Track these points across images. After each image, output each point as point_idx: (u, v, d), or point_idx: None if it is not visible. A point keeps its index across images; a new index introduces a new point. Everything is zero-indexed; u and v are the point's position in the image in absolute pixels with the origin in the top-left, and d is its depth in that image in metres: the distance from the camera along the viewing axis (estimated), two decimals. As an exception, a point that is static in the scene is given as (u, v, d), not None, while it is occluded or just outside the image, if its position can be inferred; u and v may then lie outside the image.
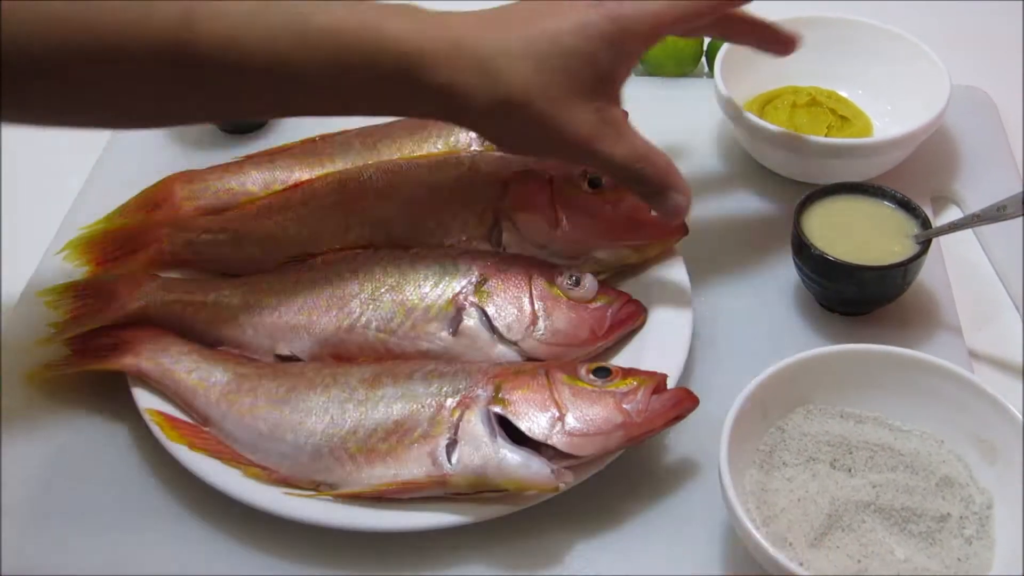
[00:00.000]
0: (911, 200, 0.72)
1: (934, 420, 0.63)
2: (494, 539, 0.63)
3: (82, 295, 0.72)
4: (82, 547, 0.64)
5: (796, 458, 0.62)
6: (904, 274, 0.70)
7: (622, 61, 0.65)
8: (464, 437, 0.61)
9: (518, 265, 0.71)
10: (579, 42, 0.62)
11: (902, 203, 0.73)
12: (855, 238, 0.71)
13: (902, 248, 0.70)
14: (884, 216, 0.73)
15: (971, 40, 0.97)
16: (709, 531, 0.63)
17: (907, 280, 0.71)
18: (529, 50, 0.62)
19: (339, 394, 0.65)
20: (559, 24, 0.63)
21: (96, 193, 0.85)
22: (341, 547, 0.63)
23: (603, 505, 0.64)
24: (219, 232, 0.76)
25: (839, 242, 0.71)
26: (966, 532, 0.59)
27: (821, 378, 0.64)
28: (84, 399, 0.71)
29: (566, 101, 0.63)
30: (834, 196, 0.74)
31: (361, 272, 0.71)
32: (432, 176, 0.75)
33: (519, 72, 0.62)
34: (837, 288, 0.71)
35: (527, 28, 0.63)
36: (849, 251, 0.70)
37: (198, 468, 0.64)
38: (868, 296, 0.72)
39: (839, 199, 0.74)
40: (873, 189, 0.74)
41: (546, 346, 0.68)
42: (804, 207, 0.73)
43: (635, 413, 0.61)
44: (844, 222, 0.72)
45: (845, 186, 0.74)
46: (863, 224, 0.73)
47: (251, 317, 0.71)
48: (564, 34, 0.62)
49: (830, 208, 0.73)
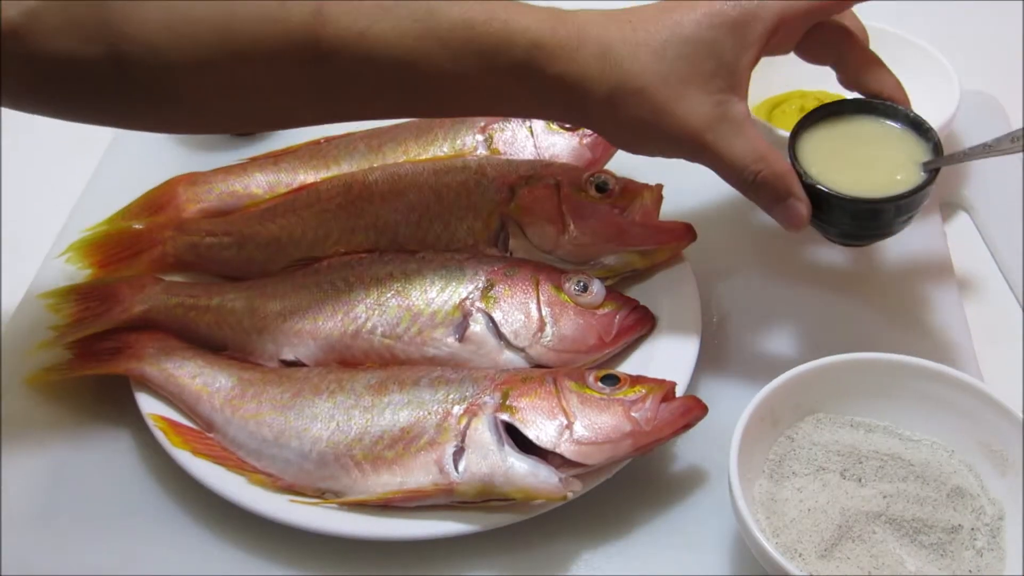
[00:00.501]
0: (924, 121, 0.66)
1: (945, 430, 0.63)
2: (501, 548, 0.62)
3: (84, 298, 0.72)
4: (84, 553, 0.64)
5: (806, 468, 0.62)
6: (899, 208, 0.64)
7: (745, 49, 0.62)
8: (471, 445, 0.61)
9: (525, 270, 0.70)
10: (701, 30, 0.61)
11: (915, 124, 0.66)
12: (856, 163, 0.65)
13: (906, 176, 0.64)
14: (892, 139, 0.66)
15: (981, 45, 0.96)
16: (717, 541, 0.62)
17: (910, 212, 0.65)
18: (650, 39, 0.61)
19: (345, 400, 0.64)
20: (685, 14, 0.62)
21: (99, 195, 0.85)
22: (346, 555, 0.62)
23: (611, 514, 0.64)
24: (223, 235, 0.75)
25: (838, 168, 0.65)
26: (977, 544, 0.59)
27: (831, 387, 0.64)
28: (86, 403, 0.71)
29: (684, 90, 0.61)
30: (838, 116, 0.67)
31: (367, 276, 0.71)
32: (438, 179, 0.75)
33: (638, 59, 0.61)
34: (830, 220, 0.65)
35: (652, 20, 0.62)
36: (848, 179, 0.64)
37: (202, 474, 0.63)
38: (865, 229, 0.67)
39: (842, 120, 0.67)
40: (883, 108, 0.66)
41: (553, 352, 0.68)
42: (803, 128, 0.67)
43: (644, 421, 0.61)
44: (845, 146, 0.66)
45: (850, 103, 0.67)
46: (867, 149, 0.66)
47: (255, 321, 0.70)
48: (687, 22, 0.61)
49: (831, 130, 0.67)
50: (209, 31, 0.59)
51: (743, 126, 0.62)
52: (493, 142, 0.79)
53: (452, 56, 0.61)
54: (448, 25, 0.61)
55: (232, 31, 0.59)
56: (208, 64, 0.59)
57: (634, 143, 0.66)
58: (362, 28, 0.60)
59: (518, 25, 0.61)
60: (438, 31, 0.61)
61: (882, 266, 0.78)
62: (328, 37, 0.60)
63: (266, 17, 0.59)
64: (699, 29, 0.61)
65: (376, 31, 0.60)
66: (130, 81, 0.60)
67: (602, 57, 0.61)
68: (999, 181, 0.84)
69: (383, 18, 0.60)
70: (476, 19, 0.61)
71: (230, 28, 0.59)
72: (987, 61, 0.93)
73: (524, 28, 0.61)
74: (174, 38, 0.58)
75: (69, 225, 0.82)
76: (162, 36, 0.58)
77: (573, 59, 0.61)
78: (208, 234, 0.75)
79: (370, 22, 0.60)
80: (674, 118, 0.62)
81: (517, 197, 0.73)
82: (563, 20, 0.62)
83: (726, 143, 0.62)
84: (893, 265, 0.77)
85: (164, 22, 0.58)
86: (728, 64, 0.62)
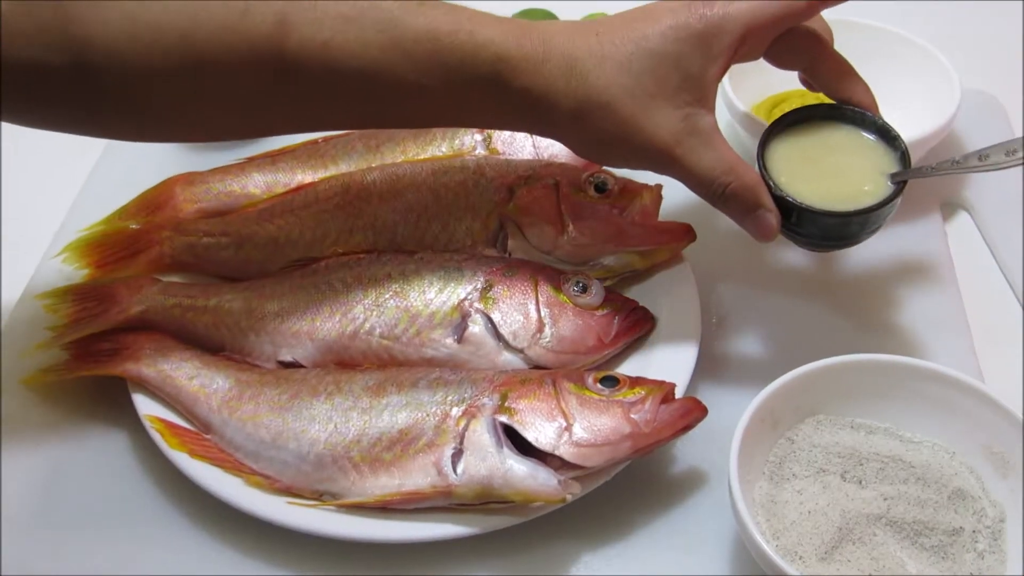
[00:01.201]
0: (892, 129, 0.65)
1: (945, 431, 0.63)
2: (500, 550, 0.62)
3: (82, 299, 0.72)
4: (81, 554, 0.64)
5: (806, 470, 0.61)
6: (866, 221, 0.64)
7: (712, 62, 0.62)
8: (470, 447, 0.61)
9: (524, 271, 0.70)
10: (667, 43, 0.61)
11: (882, 132, 0.66)
12: (824, 173, 0.65)
13: (874, 188, 0.64)
14: (861, 148, 0.66)
15: (981, 44, 0.96)
16: (717, 543, 0.62)
17: (877, 223, 0.65)
18: (616, 52, 0.61)
19: (343, 402, 0.64)
20: (649, 27, 0.61)
21: (96, 195, 0.85)
22: (344, 558, 0.62)
23: (610, 516, 0.63)
24: (220, 235, 0.75)
25: (806, 177, 0.65)
26: (978, 546, 0.58)
27: (831, 388, 0.63)
28: (83, 405, 0.71)
29: (650, 103, 0.61)
30: (808, 123, 0.67)
31: (365, 277, 0.70)
32: (437, 180, 0.75)
33: (604, 73, 0.61)
34: (799, 230, 0.65)
35: (618, 33, 0.62)
36: (816, 189, 0.64)
37: (199, 476, 0.63)
38: (832, 240, 0.66)
39: (812, 127, 0.67)
40: (852, 115, 0.66)
41: (552, 353, 0.67)
42: (772, 134, 0.66)
43: (643, 423, 0.61)
44: (814, 154, 0.66)
45: (820, 109, 0.67)
46: (835, 158, 0.66)
47: (253, 322, 0.70)
48: (652, 35, 0.61)
49: (801, 138, 0.67)
50: (172, 40, 0.58)
51: (711, 138, 0.62)
52: (492, 142, 0.79)
53: (417, 68, 0.60)
54: (413, 36, 0.60)
55: (195, 40, 0.58)
56: (171, 73, 0.59)
57: (602, 156, 0.66)
58: (326, 39, 0.59)
59: (483, 37, 0.61)
60: (403, 42, 0.60)
61: (882, 267, 0.77)
62: (291, 48, 0.59)
63: (228, 26, 0.59)
64: (664, 42, 0.61)
65: (340, 42, 0.60)
66: (95, 89, 0.59)
67: (568, 70, 0.61)
68: (999, 181, 0.84)
69: (347, 29, 0.59)
70: (441, 30, 0.60)
71: (193, 37, 0.58)
72: (987, 60, 0.93)
73: (489, 40, 0.61)
74: (137, 46, 0.58)
75: (66, 225, 0.82)
76: (125, 44, 0.58)
77: (539, 72, 0.61)
78: (205, 234, 0.75)
79: (334, 32, 0.59)
80: (642, 132, 0.61)
81: (516, 197, 0.73)
82: (528, 33, 0.62)
83: (695, 156, 0.62)
84: (893, 265, 0.77)
85: (127, 30, 0.58)
86: (694, 77, 0.62)
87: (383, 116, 0.66)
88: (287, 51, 0.59)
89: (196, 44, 0.58)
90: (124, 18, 0.57)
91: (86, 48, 0.57)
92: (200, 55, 0.59)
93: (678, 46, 0.61)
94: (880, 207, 0.63)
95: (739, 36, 0.62)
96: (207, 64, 0.59)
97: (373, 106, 0.63)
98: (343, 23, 0.59)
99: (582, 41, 0.62)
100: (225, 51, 0.59)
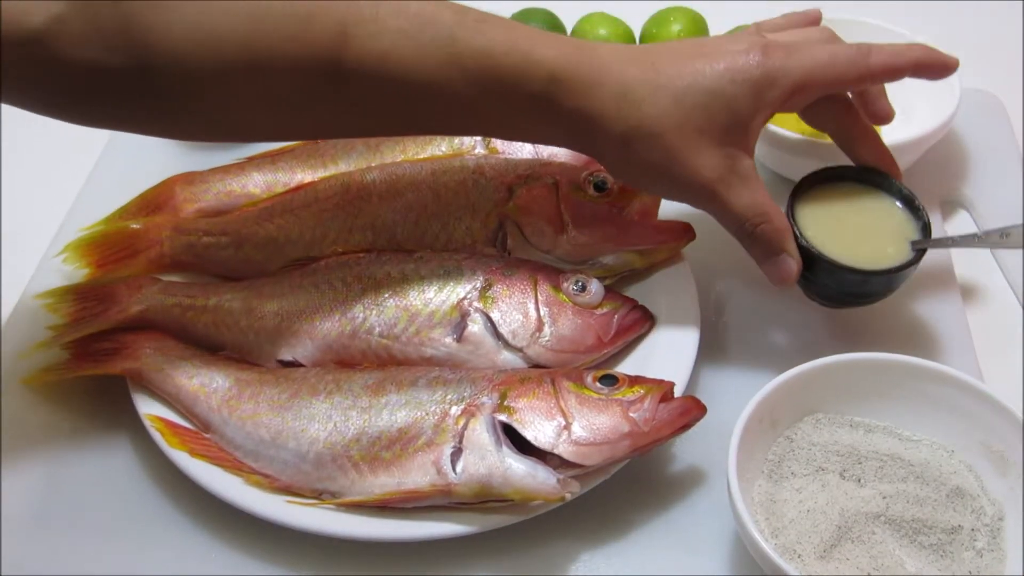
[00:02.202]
0: (917, 199, 0.68)
1: (944, 430, 0.63)
2: (499, 549, 0.62)
3: (82, 298, 0.72)
4: (81, 553, 0.64)
5: (805, 468, 0.62)
6: (888, 282, 0.67)
7: (761, 111, 0.64)
8: (469, 446, 0.61)
9: (523, 270, 0.70)
10: (723, 84, 0.62)
11: (907, 201, 0.69)
12: (849, 231, 0.68)
13: (896, 251, 0.67)
14: (886, 212, 0.69)
15: (981, 43, 0.96)
16: (716, 541, 0.62)
17: (894, 285, 0.68)
18: (671, 84, 0.62)
19: (342, 401, 0.64)
20: (708, 64, 0.63)
21: (96, 195, 0.85)
22: (343, 556, 0.62)
23: (609, 514, 0.63)
24: (220, 235, 0.75)
25: (831, 233, 0.67)
26: (977, 544, 0.58)
27: (830, 387, 0.63)
28: (83, 404, 0.71)
29: (698, 140, 0.62)
30: (839, 182, 0.70)
31: (364, 276, 0.70)
32: (436, 179, 0.75)
33: (658, 103, 0.62)
34: (816, 280, 0.68)
35: (675, 64, 0.63)
36: (840, 245, 0.67)
37: (199, 475, 0.63)
38: (847, 295, 0.69)
39: (842, 186, 0.70)
40: (881, 180, 0.69)
41: (551, 352, 0.67)
42: (803, 190, 0.69)
43: (642, 422, 0.61)
44: (841, 212, 0.69)
45: (852, 170, 0.70)
46: (862, 218, 0.69)
47: (252, 321, 0.70)
48: (710, 74, 0.62)
49: (830, 194, 0.70)
50: (233, 45, 0.59)
51: (750, 179, 0.64)
52: (491, 141, 0.79)
53: (470, 84, 0.61)
54: (469, 53, 0.61)
55: (256, 47, 0.59)
56: (230, 77, 0.60)
57: (642, 183, 0.68)
58: (384, 51, 0.60)
59: (538, 57, 0.61)
60: (459, 58, 0.61)
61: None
62: (350, 58, 0.60)
63: (290, 34, 0.59)
64: (720, 82, 0.62)
65: (397, 55, 0.60)
66: (152, 90, 0.60)
67: (621, 96, 0.62)
68: (999, 179, 0.84)
69: (405, 43, 0.60)
70: (497, 49, 0.61)
71: (254, 43, 0.59)
72: (987, 59, 0.93)
73: (544, 60, 0.61)
74: (198, 50, 0.59)
75: (66, 225, 0.82)
76: (186, 48, 0.58)
77: (591, 95, 0.62)
78: (205, 234, 0.75)
79: (392, 46, 0.60)
80: (685, 167, 0.63)
81: (515, 197, 0.73)
82: (584, 55, 0.62)
83: (733, 195, 0.64)
84: (893, 264, 0.77)
85: (189, 34, 0.58)
86: (742, 122, 0.63)
87: (429, 126, 0.67)
88: (345, 61, 0.60)
89: (257, 50, 0.59)
90: (186, 22, 0.58)
91: (147, 50, 0.58)
92: (260, 61, 0.59)
93: (733, 88, 0.62)
94: (899, 270, 0.66)
95: (791, 90, 0.64)
96: (265, 69, 0.60)
97: (422, 117, 0.64)
98: (402, 37, 0.60)
99: (637, 69, 0.63)
100: (284, 58, 0.60)
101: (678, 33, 0.91)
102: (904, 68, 0.66)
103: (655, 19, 0.93)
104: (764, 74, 0.63)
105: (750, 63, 0.63)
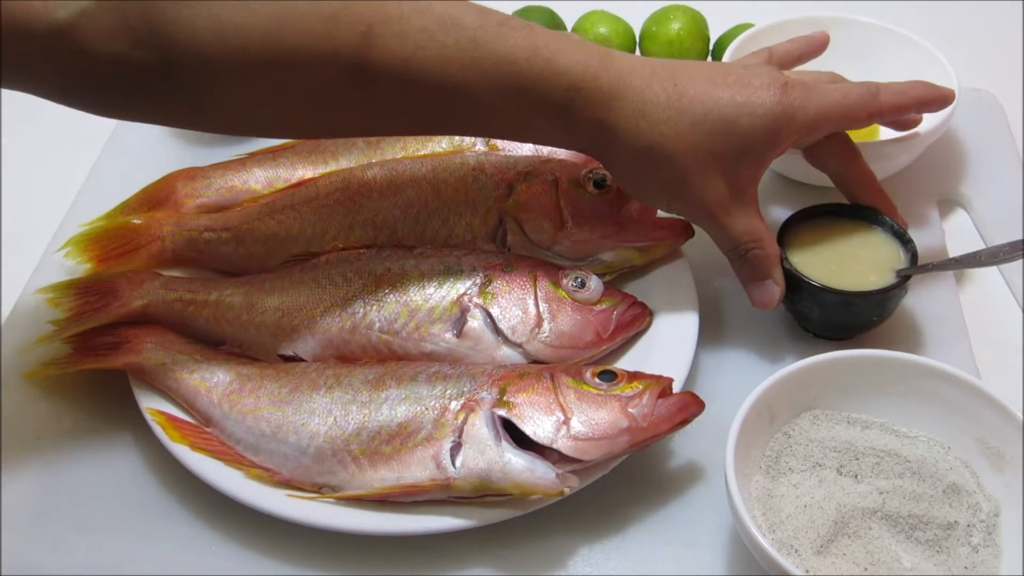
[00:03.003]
0: (906, 233, 0.70)
1: (941, 426, 0.63)
2: (498, 543, 0.62)
3: (83, 293, 0.72)
4: (82, 547, 0.64)
5: (802, 464, 0.62)
6: (871, 305, 0.68)
7: (775, 146, 0.65)
8: (468, 440, 0.61)
9: (523, 266, 0.70)
10: (740, 116, 0.64)
11: (898, 235, 0.71)
12: (836, 260, 0.70)
13: (879, 279, 0.69)
14: (875, 245, 0.71)
15: (978, 42, 0.96)
16: (714, 537, 0.63)
17: (876, 312, 0.69)
18: (691, 108, 0.63)
19: (342, 395, 0.64)
20: (731, 94, 0.64)
21: (98, 190, 0.85)
22: (343, 550, 0.62)
23: (608, 509, 0.64)
24: (221, 230, 0.75)
25: (818, 260, 0.70)
26: (973, 540, 0.59)
27: (828, 383, 0.64)
28: (85, 398, 0.71)
29: (710, 165, 0.64)
30: (833, 216, 0.72)
31: (365, 272, 0.71)
32: (437, 175, 0.75)
33: (675, 126, 0.63)
34: (800, 304, 0.70)
35: (696, 88, 0.64)
36: (824, 271, 0.69)
37: (200, 469, 0.63)
38: (829, 319, 0.70)
39: (836, 220, 0.72)
40: (873, 216, 0.71)
41: (551, 348, 0.68)
42: (796, 220, 0.72)
43: (641, 417, 0.61)
44: (831, 242, 0.71)
45: (848, 208, 0.72)
46: (850, 248, 0.71)
47: (253, 317, 0.70)
48: (730, 104, 0.64)
49: (823, 227, 0.72)
50: (259, 43, 0.59)
51: (750, 208, 0.67)
52: (491, 138, 0.79)
53: (492, 88, 0.62)
54: (492, 58, 0.61)
55: (281, 44, 0.59)
56: (255, 74, 0.60)
57: (644, 195, 0.69)
58: (409, 53, 0.61)
59: (560, 65, 0.62)
60: (482, 63, 0.61)
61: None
62: (375, 58, 0.60)
63: (316, 33, 0.60)
64: (739, 114, 0.64)
65: (421, 57, 0.61)
66: (176, 86, 0.60)
67: (639, 113, 0.63)
68: (996, 177, 0.84)
69: (430, 46, 0.61)
70: (519, 55, 0.62)
71: (279, 41, 0.59)
72: (986, 58, 0.94)
73: (566, 68, 0.62)
74: (223, 47, 0.59)
75: (68, 220, 0.82)
76: (212, 45, 0.59)
77: (610, 107, 0.63)
78: (206, 229, 0.75)
79: (416, 48, 0.61)
80: (693, 189, 0.65)
81: (515, 193, 0.73)
82: (606, 65, 0.63)
83: (732, 219, 0.66)
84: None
85: (215, 31, 0.59)
86: (756, 154, 0.65)
87: (449, 126, 0.68)
88: (370, 61, 0.60)
89: (282, 48, 0.59)
90: (211, 18, 0.58)
91: (172, 46, 0.59)
92: (285, 58, 0.60)
93: (751, 121, 0.64)
94: (880, 293, 0.67)
95: (805, 128, 0.66)
96: (291, 67, 0.60)
97: (443, 118, 0.65)
98: (427, 40, 0.61)
99: (659, 87, 0.63)
100: (309, 57, 0.60)
101: (678, 31, 0.91)
102: (910, 105, 0.69)
103: (655, 17, 0.94)
104: (784, 111, 0.64)
105: (770, 99, 0.64)
